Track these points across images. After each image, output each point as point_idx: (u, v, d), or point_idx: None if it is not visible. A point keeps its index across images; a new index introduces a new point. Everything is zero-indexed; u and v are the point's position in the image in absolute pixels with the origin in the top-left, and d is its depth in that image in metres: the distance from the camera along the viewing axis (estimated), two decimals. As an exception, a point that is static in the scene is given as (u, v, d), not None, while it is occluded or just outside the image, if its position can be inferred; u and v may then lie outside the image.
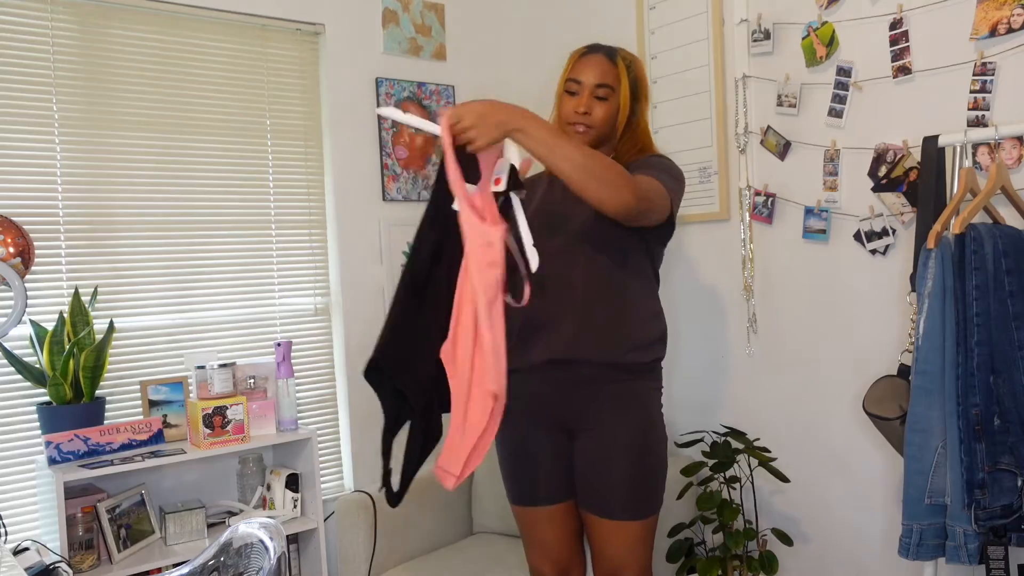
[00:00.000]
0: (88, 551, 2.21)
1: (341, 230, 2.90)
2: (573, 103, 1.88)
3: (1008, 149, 2.04)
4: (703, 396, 2.80)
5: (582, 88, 1.87)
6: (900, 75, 2.24)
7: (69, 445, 2.23)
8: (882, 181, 2.29)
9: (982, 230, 1.82)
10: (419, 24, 3.10)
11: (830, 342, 2.46)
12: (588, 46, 1.94)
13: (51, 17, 2.39)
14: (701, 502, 2.49)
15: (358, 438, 2.92)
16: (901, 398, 2.03)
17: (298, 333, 2.84)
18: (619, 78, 1.88)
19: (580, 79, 1.87)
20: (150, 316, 2.56)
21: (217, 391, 2.42)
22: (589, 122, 1.87)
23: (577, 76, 1.88)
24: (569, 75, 1.90)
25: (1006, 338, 1.81)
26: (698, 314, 2.80)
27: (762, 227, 2.61)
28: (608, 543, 1.87)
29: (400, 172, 3.04)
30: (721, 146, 2.67)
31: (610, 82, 1.87)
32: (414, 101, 3.08)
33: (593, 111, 1.86)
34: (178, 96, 2.61)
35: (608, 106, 1.87)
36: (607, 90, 1.86)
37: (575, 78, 1.88)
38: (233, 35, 2.71)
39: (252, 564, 1.61)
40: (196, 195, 2.64)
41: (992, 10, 2.05)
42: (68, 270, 2.41)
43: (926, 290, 1.85)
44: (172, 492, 2.55)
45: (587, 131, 1.88)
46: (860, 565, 2.43)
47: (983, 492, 1.78)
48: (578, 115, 1.86)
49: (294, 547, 2.66)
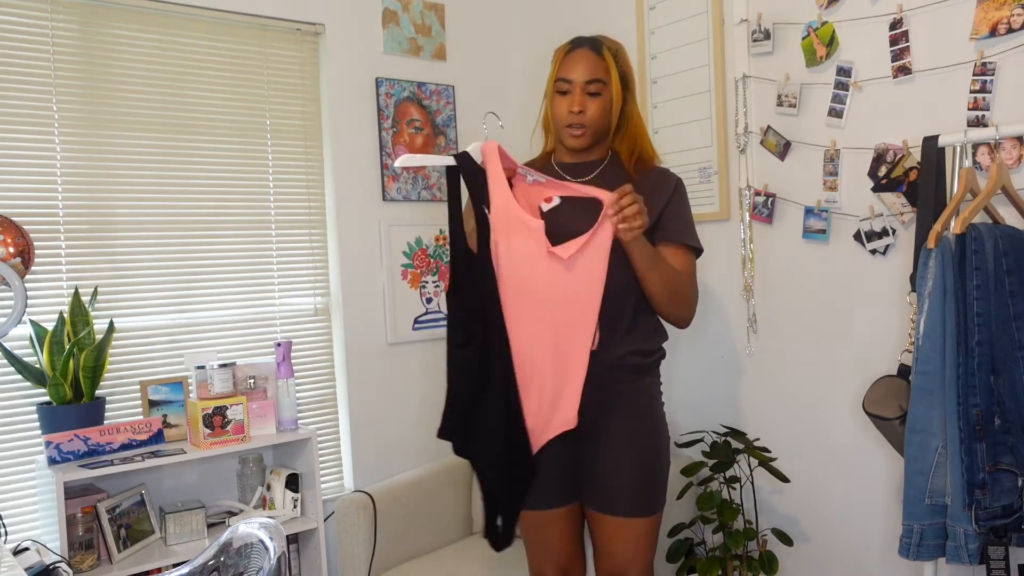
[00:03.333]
0: (88, 551, 2.21)
1: (341, 230, 2.90)
2: (566, 103, 1.83)
3: (1008, 149, 2.04)
4: (703, 396, 2.80)
5: (573, 87, 1.82)
6: (900, 75, 2.24)
7: (69, 445, 2.23)
8: (882, 181, 2.29)
9: (983, 230, 1.82)
10: (419, 24, 3.10)
11: (830, 342, 2.46)
12: (571, 41, 1.88)
13: (51, 17, 2.38)
14: (701, 502, 2.49)
15: (358, 438, 2.92)
16: (901, 398, 2.03)
17: (298, 333, 2.84)
18: (608, 70, 1.83)
19: (570, 77, 1.82)
20: (150, 316, 2.55)
21: (217, 391, 2.42)
22: (584, 121, 1.83)
23: (566, 75, 1.83)
24: (558, 75, 1.85)
25: (1007, 338, 1.81)
26: (698, 314, 2.80)
27: (762, 227, 2.61)
28: (614, 541, 1.86)
29: (400, 172, 3.04)
30: (721, 146, 2.67)
31: (601, 76, 1.82)
32: (414, 101, 3.08)
33: (587, 109, 1.82)
34: (178, 96, 2.61)
35: (602, 101, 1.83)
36: (599, 85, 1.82)
37: (565, 77, 1.83)
38: (233, 35, 2.71)
39: (252, 564, 1.61)
40: (196, 195, 2.64)
41: (992, 10, 2.05)
42: (68, 270, 2.41)
43: (926, 290, 1.85)
44: (172, 492, 2.55)
45: (583, 131, 1.84)
46: (860, 565, 2.43)
47: (983, 492, 1.78)
48: (573, 115, 1.82)
49: (294, 547, 2.66)
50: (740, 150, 2.61)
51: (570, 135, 1.84)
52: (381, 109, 2.99)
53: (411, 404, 3.05)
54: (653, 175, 1.90)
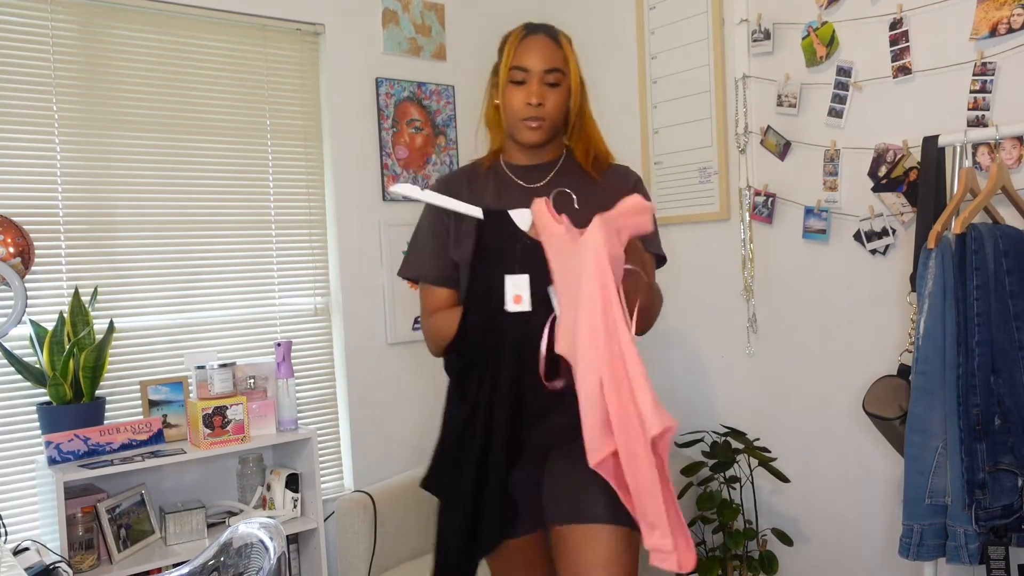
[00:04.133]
0: (88, 551, 2.21)
1: (341, 230, 2.90)
2: (522, 94, 1.64)
3: (1008, 149, 2.04)
4: (703, 396, 2.80)
5: (530, 76, 1.63)
6: (900, 75, 2.24)
7: (69, 445, 2.23)
8: (882, 181, 2.29)
9: (983, 230, 1.82)
10: (419, 24, 3.10)
11: (830, 342, 2.46)
12: (524, 26, 1.71)
13: (51, 17, 2.38)
14: (701, 502, 2.49)
15: (358, 438, 2.92)
16: (901, 398, 2.03)
17: (298, 333, 2.84)
18: (567, 60, 1.67)
19: (526, 66, 1.63)
20: (150, 316, 2.55)
21: (217, 391, 2.42)
22: (543, 114, 1.64)
23: (522, 63, 1.64)
24: (513, 62, 1.65)
25: (1007, 338, 1.81)
26: (698, 314, 2.80)
27: (762, 227, 2.61)
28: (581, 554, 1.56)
29: (400, 172, 3.04)
30: (721, 146, 2.67)
31: (559, 65, 1.65)
32: (414, 101, 3.08)
33: (546, 101, 1.64)
34: (178, 96, 2.61)
35: (560, 93, 1.66)
36: (557, 75, 1.64)
37: (520, 65, 1.64)
38: (233, 35, 2.71)
39: (252, 564, 1.61)
40: (196, 195, 2.64)
41: (992, 10, 2.05)
42: (68, 270, 2.41)
43: (926, 290, 1.85)
44: (172, 492, 2.55)
45: (540, 124, 1.65)
46: (860, 565, 2.43)
47: (984, 492, 1.78)
48: (531, 108, 1.63)
49: (294, 547, 2.66)
50: (740, 150, 2.61)
51: (527, 128, 1.65)
52: (381, 109, 2.99)
53: (411, 404, 3.05)
54: (613, 175, 1.74)
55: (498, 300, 1.55)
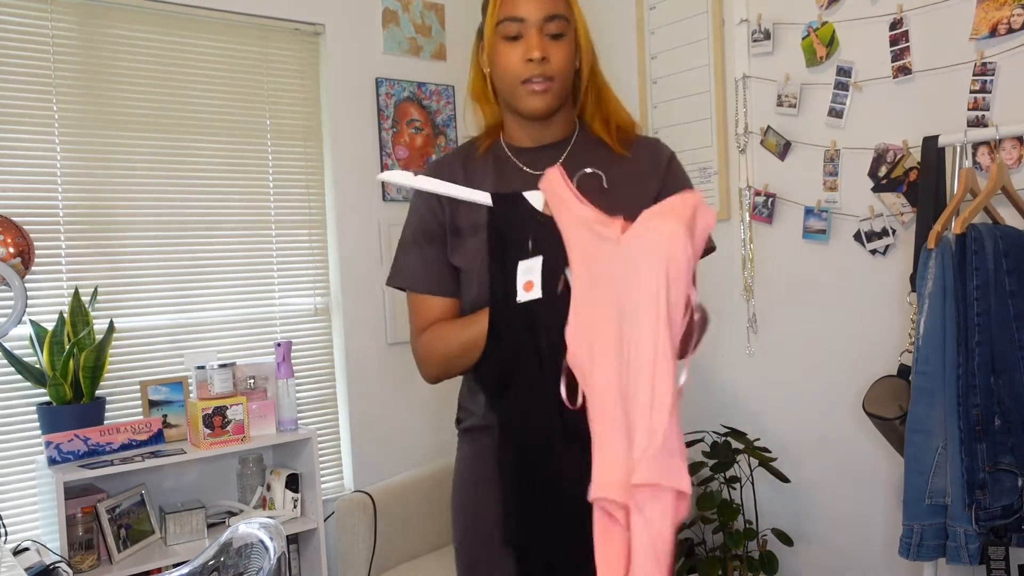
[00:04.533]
0: (88, 551, 2.21)
1: (341, 230, 2.90)
2: (519, 51, 1.29)
3: (1008, 149, 2.04)
4: (703, 396, 2.80)
5: (526, 27, 1.29)
6: (900, 75, 2.24)
7: (69, 445, 2.23)
8: (882, 181, 2.29)
9: (983, 230, 1.82)
10: (419, 24, 3.10)
11: (830, 342, 2.46)
12: None
13: (51, 17, 2.38)
14: (701, 502, 2.49)
15: (358, 438, 2.92)
16: (901, 398, 2.03)
17: (298, 333, 2.84)
18: (571, 5, 1.34)
19: (520, 15, 1.29)
20: (150, 316, 2.55)
21: (217, 391, 2.42)
22: (548, 71, 1.30)
23: (514, 12, 1.29)
24: (502, 13, 1.30)
25: (1007, 338, 1.81)
26: (698, 314, 2.80)
27: (762, 227, 2.61)
28: None
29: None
30: (721, 146, 2.67)
31: (561, 11, 1.30)
32: (414, 101, 3.08)
33: (550, 54, 1.29)
34: (178, 96, 2.61)
35: (567, 46, 1.32)
36: (561, 23, 1.30)
37: (512, 15, 1.29)
38: (233, 35, 2.71)
39: (252, 564, 1.61)
40: (196, 195, 2.64)
41: (992, 10, 2.05)
42: (68, 270, 2.41)
43: (926, 290, 1.85)
44: (172, 492, 2.55)
45: (548, 86, 1.31)
46: (860, 565, 2.43)
47: (984, 492, 1.78)
48: (533, 64, 1.29)
49: (294, 547, 2.66)
50: (740, 150, 2.62)
51: (530, 93, 1.31)
52: (381, 109, 2.99)
53: (411, 404, 3.05)
54: (642, 150, 1.41)
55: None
